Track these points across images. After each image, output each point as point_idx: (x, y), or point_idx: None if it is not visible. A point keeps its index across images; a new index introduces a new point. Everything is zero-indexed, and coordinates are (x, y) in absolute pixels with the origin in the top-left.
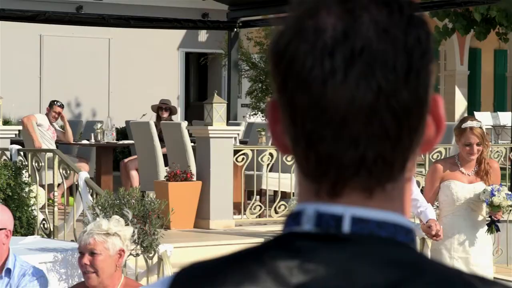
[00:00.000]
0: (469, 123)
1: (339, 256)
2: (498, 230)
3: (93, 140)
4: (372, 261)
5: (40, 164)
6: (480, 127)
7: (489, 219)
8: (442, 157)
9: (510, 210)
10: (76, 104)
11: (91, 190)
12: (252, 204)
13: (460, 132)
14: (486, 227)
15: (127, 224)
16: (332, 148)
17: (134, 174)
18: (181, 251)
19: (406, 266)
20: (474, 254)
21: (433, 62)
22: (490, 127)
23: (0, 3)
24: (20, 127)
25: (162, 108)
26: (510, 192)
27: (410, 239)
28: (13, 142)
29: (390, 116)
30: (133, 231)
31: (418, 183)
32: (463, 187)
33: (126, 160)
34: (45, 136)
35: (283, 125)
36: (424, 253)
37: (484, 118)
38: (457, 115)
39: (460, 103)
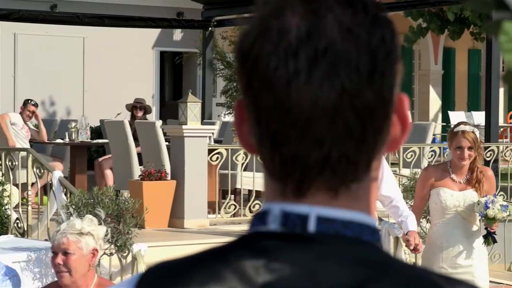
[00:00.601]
0: (461, 127)
1: (305, 256)
2: (495, 241)
3: (67, 139)
4: (337, 261)
5: (14, 163)
6: (473, 132)
7: (485, 230)
8: (416, 157)
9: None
10: (50, 103)
11: (65, 189)
12: (227, 203)
13: (452, 136)
14: (480, 237)
15: (100, 224)
16: (297, 148)
17: (108, 173)
18: (155, 250)
19: (372, 265)
20: (465, 264)
21: (399, 62)
22: None
23: None
24: None
25: (137, 107)
26: (505, 203)
27: (376, 238)
28: None
29: (354, 116)
30: (106, 230)
31: None
32: (452, 195)
33: (100, 159)
34: (19, 135)
35: (249, 125)
36: (389, 253)
37: (459, 118)
38: (431, 115)
39: (434, 102)
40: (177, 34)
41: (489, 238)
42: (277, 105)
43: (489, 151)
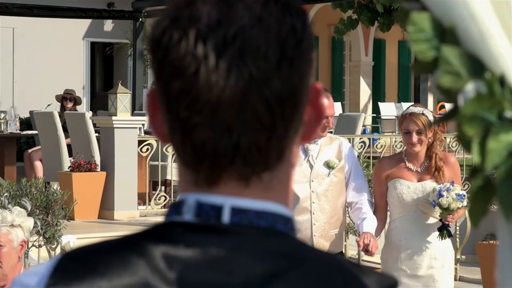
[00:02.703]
0: (410, 109)
1: (218, 247)
2: (450, 235)
3: None
4: (251, 252)
5: None
6: (423, 114)
7: (440, 222)
8: None
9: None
10: None
11: None
12: (157, 195)
13: (401, 120)
14: (437, 232)
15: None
16: (207, 135)
17: (38, 165)
18: (84, 242)
19: (285, 256)
20: (427, 265)
21: (311, 51)
22: (394, 117)
23: None
24: None
25: (67, 98)
26: (462, 192)
27: (290, 228)
28: None
29: (262, 103)
30: (35, 222)
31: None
32: (409, 187)
33: (30, 150)
34: None
35: (161, 114)
36: (304, 242)
37: (389, 109)
38: (362, 105)
39: (365, 93)
40: (108, 24)
41: (444, 231)
42: (186, 91)
43: None
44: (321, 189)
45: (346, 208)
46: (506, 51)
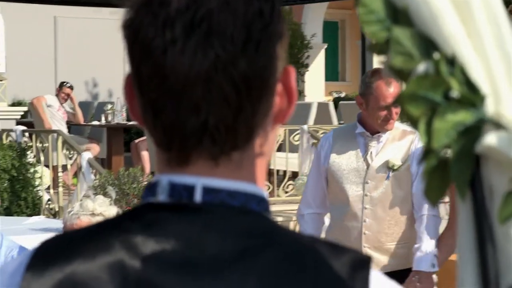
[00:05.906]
0: None
1: (190, 226)
2: None
3: (103, 121)
4: (222, 231)
5: (44, 144)
6: None
7: None
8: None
9: None
10: (93, 84)
11: (94, 170)
12: (285, 184)
13: None
14: None
15: (111, 204)
16: (175, 115)
17: (145, 155)
18: None
19: (257, 235)
20: None
21: (280, 35)
22: None
23: None
24: (26, 108)
25: None
26: None
27: (263, 208)
28: (19, 123)
29: (229, 83)
30: (117, 212)
31: None
32: None
33: (137, 140)
34: (55, 117)
35: (136, 98)
36: (277, 222)
37: None
38: None
39: None
40: None
41: None
42: (154, 73)
43: None
44: (376, 193)
45: None
46: (458, 32)
